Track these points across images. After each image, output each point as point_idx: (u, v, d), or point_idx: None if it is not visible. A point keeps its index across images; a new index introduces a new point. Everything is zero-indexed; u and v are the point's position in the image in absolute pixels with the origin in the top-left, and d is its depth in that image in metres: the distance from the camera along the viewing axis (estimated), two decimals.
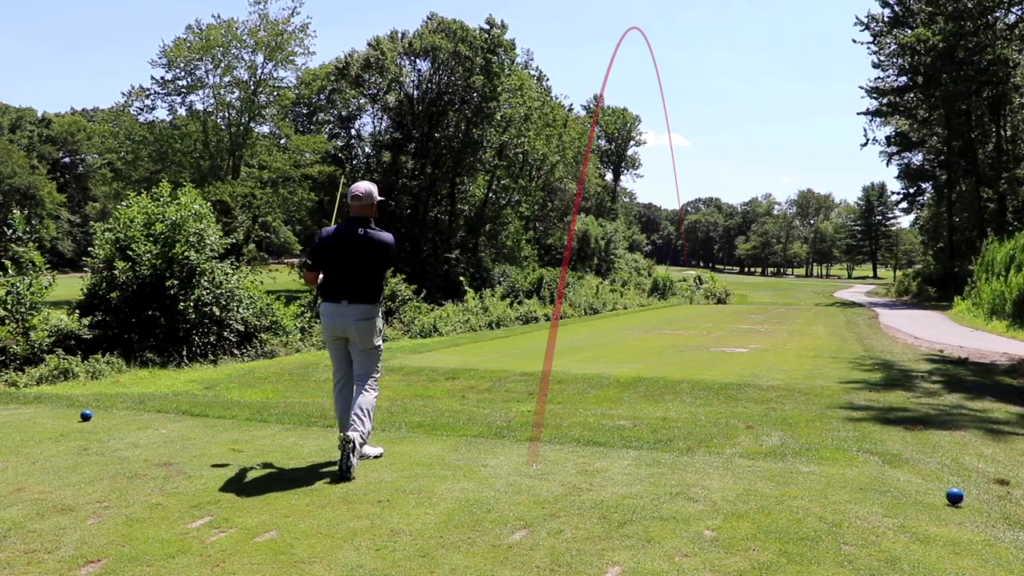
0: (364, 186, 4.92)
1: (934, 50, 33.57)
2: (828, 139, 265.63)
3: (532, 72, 45.39)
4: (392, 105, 40.27)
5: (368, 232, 4.80)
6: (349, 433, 4.51)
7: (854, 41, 42.26)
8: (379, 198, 4.98)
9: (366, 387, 4.79)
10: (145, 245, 12.16)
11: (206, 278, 12.66)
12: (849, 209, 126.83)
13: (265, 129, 40.49)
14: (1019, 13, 33.29)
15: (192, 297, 12.32)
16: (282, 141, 39.79)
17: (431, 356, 12.66)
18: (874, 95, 38.81)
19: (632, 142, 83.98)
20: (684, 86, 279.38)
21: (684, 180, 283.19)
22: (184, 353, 12.08)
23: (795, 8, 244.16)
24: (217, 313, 12.67)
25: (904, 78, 37.61)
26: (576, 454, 5.13)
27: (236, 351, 13.07)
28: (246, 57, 36.92)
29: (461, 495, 4.10)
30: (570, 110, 50.83)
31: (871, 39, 37.61)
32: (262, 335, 13.84)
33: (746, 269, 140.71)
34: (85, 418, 6.31)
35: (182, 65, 35.44)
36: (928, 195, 43.54)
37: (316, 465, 4.80)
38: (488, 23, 38.86)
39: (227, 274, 13.15)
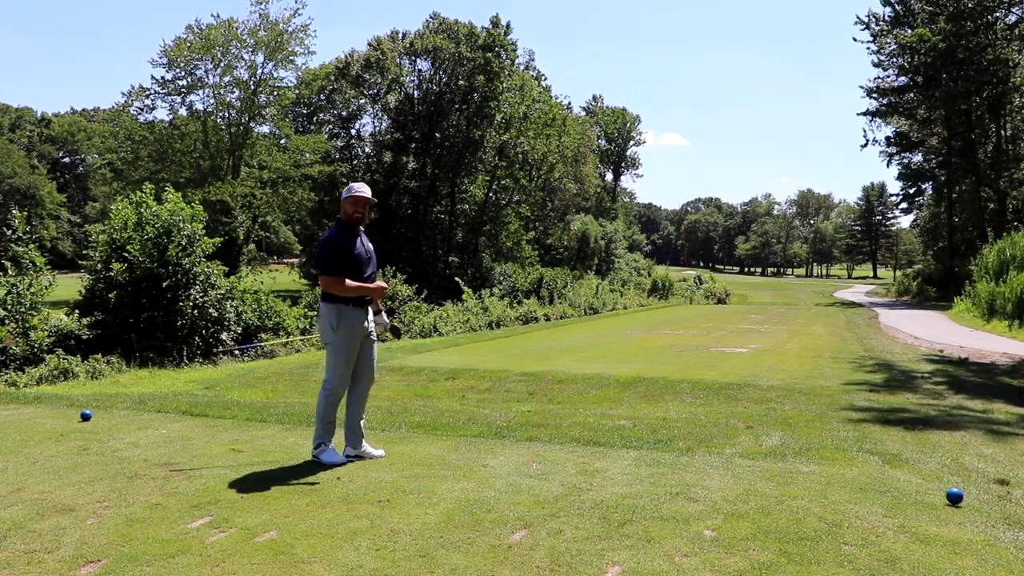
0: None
1: (934, 50, 33.58)
2: (828, 139, 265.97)
3: (532, 72, 45.39)
4: (392, 105, 40.28)
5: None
6: None
7: (854, 40, 42.28)
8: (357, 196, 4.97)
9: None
10: (140, 246, 12.18)
11: (200, 280, 12.67)
12: (849, 209, 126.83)
13: (265, 129, 40.50)
14: (1019, 13, 33.30)
15: (187, 297, 12.34)
16: (282, 141, 39.77)
17: (431, 356, 12.65)
18: (874, 95, 38.83)
19: (632, 142, 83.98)
20: (684, 86, 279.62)
21: (684, 180, 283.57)
22: (184, 353, 12.09)
23: (796, 8, 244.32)
24: (213, 314, 12.68)
25: (904, 78, 37.62)
26: (576, 454, 5.13)
27: (236, 351, 13.08)
28: (246, 57, 36.95)
29: (461, 495, 4.10)
30: (568, 108, 50.85)
31: (871, 38, 37.64)
32: (262, 335, 13.85)
33: (746, 269, 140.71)
34: (85, 418, 6.31)
35: (182, 65, 35.44)
36: (928, 195, 43.54)
37: (316, 465, 4.80)
38: (492, 22, 38.85)
39: (217, 275, 13.12)
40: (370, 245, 5.06)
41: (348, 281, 4.78)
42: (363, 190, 4.96)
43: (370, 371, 5.04)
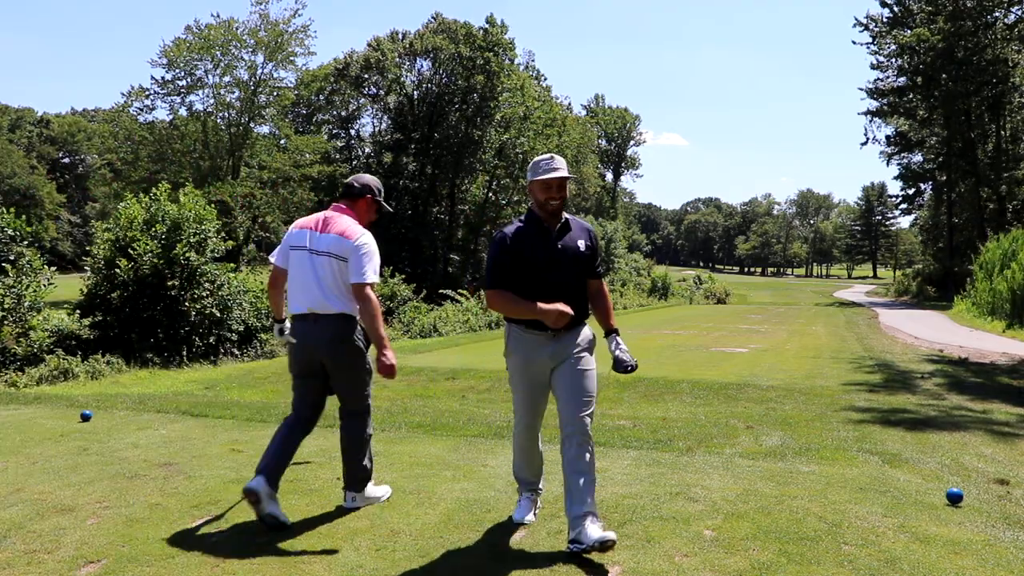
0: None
1: (933, 50, 33.57)
2: (828, 139, 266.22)
3: (531, 73, 45.37)
4: (392, 106, 40.27)
5: None
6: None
7: (853, 43, 42.25)
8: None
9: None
10: (147, 244, 12.16)
11: (207, 279, 12.67)
12: (849, 209, 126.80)
13: (265, 129, 40.47)
14: (1019, 13, 33.28)
15: (192, 297, 12.32)
16: (282, 141, 39.75)
17: (431, 356, 12.66)
18: (874, 96, 38.81)
19: (632, 142, 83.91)
20: (683, 86, 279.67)
21: (684, 180, 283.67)
22: (184, 353, 12.09)
23: (795, 8, 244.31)
24: (217, 314, 12.67)
25: (904, 78, 37.61)
26: None
27: (236, 351, 13.08)
28: (246, 57, 36.89)
29: (461, 495, 4.11)
30: (568, 108, 50.81)
31: (871, 40, 37.62)
32: (262, 335, 13.85)
33: (746, 269, 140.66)
34: (85, 418, 6.30)
35: (182, 65, 35.39)
36: (928, 195, 43.52)
37: (316, 465, 4.80)
38: (488, 22, 38.85)
39: (229, 277, 13.16)
40: (579, 242, 3.57)
41: (505, 296, 3.48)
42: (552, 166, 3.46)
43: (570, 409, 3.45)
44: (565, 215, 3.57)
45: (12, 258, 11.57)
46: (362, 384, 3.90)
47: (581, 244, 3.57)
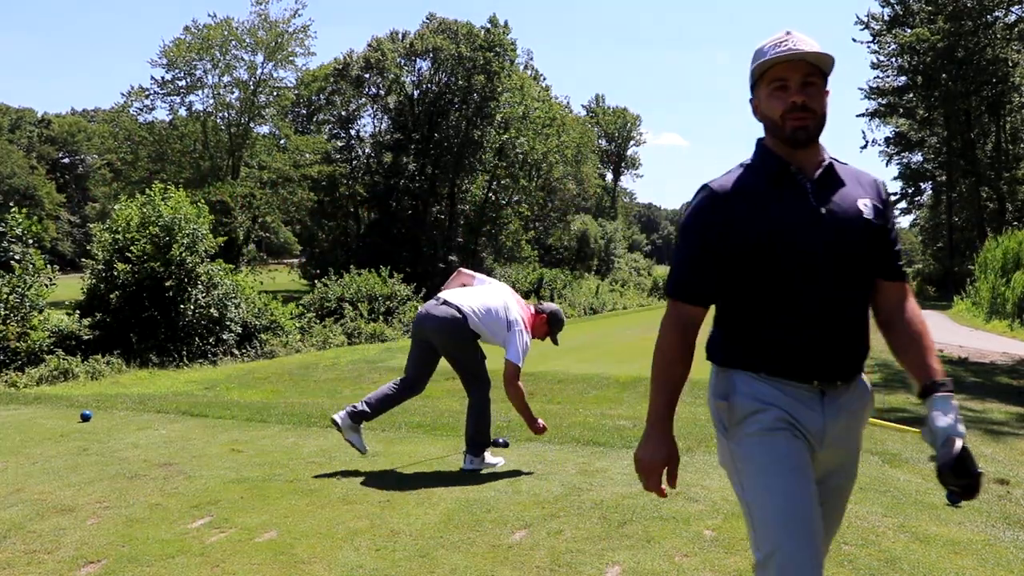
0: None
1: (933, 49, 33.59)
2: (828, 139, 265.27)
3: (530, 72, 45.36)
4: (392, 106, 40.27)
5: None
6: None
7: (854, 40, 42.21)
8: None
9: None
10: (144, 246, 12.16)
11: (202, 279, 12.66)
12: None
13: (265, 129, 40.45)
14: (1018, 13, 33.29)
15: (189, 298, 12.32)
16: (282, 142, 39.74)
17: None
18: (873, 96, 38.81)
19: (632, 142, 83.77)
20: (683, 86, 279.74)
21: (683, 180, 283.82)
22: (184, 353, 12.09)
23: (795, 7, 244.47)
24: (215, 314, 12.67)
25: (904, 78, 37.63)
26: (576, 454, 5.13)
27: (236, 351, 13.07)
28: (246, 57, 36.88)
29: (461, 495, 4.10)
30: (568, 108, 50.80)
31: (871, 38, 37.65)
32: (262, 335, 13.85)
33: None
34: (85, 418, 6.31)
35: (181, 65, 35.38)
36: (928, 195, 43.53)
37: (316, 465, 4.80)
38: (491, 22, 38.86)
39: (223, 276, 13.13)
40: (860, 203, 1.87)
41: (678, 326, 2.10)
42: (789, 43, 1.84)
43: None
44: (826, 154, 1.91)
45: (18, 258, 11.56)
46: (470, 363, 4.64)
47: (864, 207, 1.87)
